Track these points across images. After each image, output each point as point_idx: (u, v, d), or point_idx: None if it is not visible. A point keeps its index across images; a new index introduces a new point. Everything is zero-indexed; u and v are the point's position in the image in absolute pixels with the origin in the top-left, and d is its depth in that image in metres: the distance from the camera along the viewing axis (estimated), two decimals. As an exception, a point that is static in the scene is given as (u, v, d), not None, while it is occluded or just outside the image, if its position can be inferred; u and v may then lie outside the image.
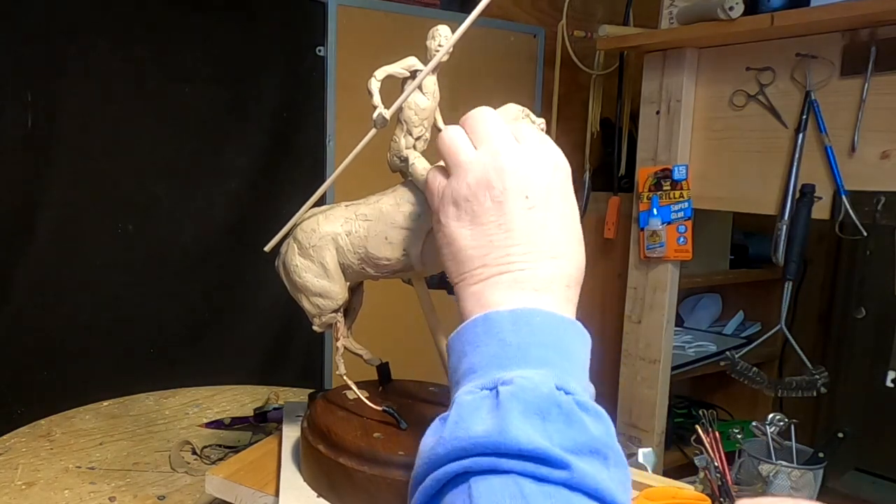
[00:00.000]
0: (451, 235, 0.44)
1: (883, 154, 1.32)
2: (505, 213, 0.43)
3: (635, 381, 1.72)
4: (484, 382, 0.39)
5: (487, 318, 0.41)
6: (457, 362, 0.42)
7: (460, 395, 0.39)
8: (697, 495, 0.75)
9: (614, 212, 1.91)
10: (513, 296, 0.41)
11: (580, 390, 0.39)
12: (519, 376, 0.37)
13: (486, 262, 0.43)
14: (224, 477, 0.71)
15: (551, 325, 0.41)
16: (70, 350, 1.51)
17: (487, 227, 0.43)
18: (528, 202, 0.43)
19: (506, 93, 0.78)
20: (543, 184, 0.43)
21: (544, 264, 0.42)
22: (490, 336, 0.40)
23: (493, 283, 0.42)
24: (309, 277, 0.66)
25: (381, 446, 0.62)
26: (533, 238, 0.42)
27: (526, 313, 0.40)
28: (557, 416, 0.36)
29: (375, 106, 0.57)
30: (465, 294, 0.44)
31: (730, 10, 1.40)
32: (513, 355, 0.39)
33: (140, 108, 1.53)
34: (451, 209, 0.45)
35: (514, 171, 0.43)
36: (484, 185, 0.43)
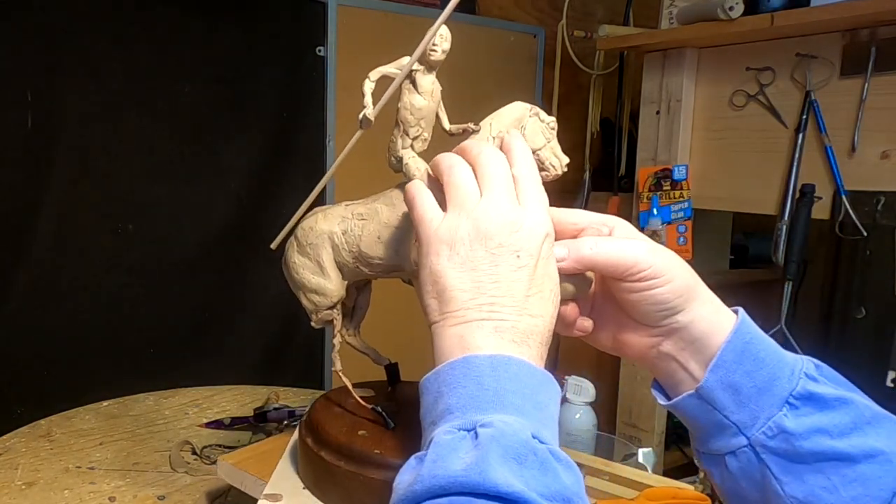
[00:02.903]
0: (438, 273, 0.45)
1: (883, 154, 1.32)
2: (497, 264, 0.44)
3: (635, 381, 1.72)
4: (462, 423, 0.39)
5: (467, 361, 0.42)
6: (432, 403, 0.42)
7: (438, 434, 0.39)
8: (697, 495, 0.75)
9: (614, 212, 1.91)
10: (493, 342, 0.42)
11: (552, 440, 0.40)
12: (499, 420, 0.38)
13: (470, 305, 0.43)
14: (233, 463, 0.74)
15: (527, 376, 0.41)
16: (70, 350, 1.51)
17: (478, 274, 0.44)
18: (519, 261, 0.44)
19: (506, 93, 0.78)
20: (534, 248, 0.44)
21: (525, 320, 0.43)
22: (468, 378, 0.41)
23: (475, 327, 0.43)
24: (306, 274, 0.66)
25: (360, 443, 0.62)
26: (517, 294, 0.43)
27: (504, 360, 0.41)
28: (533, 463, 0.37)
29: (364, 107, 0.57)
30: (444, 334, 0.44)
31: (730, 10, 1.40)
32: (490, 399, 0.40)
33: (140, 108, 1.53)
34: (444, 248, 0.45)
35: (511, 230, 0.44)
36: (482, 235, 0.44)
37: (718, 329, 0.47)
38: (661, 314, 0.47)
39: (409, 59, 0.57)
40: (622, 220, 0.50)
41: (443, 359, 0.43)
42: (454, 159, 0.48)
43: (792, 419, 0.44)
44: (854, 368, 1.79)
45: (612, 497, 0.75)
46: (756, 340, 0.46)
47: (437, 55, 0.56)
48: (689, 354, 0.47)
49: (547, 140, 0.56)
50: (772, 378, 0.45)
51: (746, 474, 0.47)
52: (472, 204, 0.45)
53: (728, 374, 0.46)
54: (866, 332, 1.84)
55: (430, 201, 0.48)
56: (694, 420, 0.48)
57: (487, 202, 0.45)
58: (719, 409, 0.46)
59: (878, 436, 0.44)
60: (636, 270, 0.46)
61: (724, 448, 0.47)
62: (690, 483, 0.82)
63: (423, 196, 0.48)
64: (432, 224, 0.46)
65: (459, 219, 0.45)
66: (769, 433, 0.45)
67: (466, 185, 0.46)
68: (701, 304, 0.47)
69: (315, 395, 1.20)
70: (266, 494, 0.66)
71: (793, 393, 0.45)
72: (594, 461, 0.84)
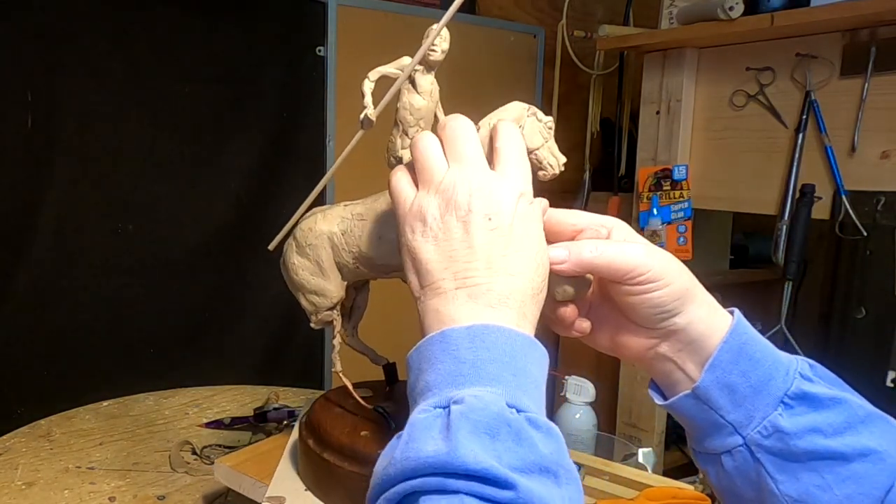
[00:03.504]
0: (414, 249, 0.45)
1: (883, 154, 1.32)
2: (468, 231, 0.44)
3: (635, 381, 1.72)
4: (438, 401, 0.39)
5: (444, 335, 0.42)
6: (415, 380, 0.43)
7: (414, 414, 0.40)
8: (697, 495, 0.75)
9: (614, 212, 1.91)
10: (470, 311, 0.42)
11: (533, 407, 0.39)
12: (470, 395, 0.38)
13: (445, 276, 0.44)
14: (231, 466, 0.74)
15: (506, 342, 0.41)
16: (70, 350, 1.51)
17: (451, 243, 0.44)
18: (491, 223, 0.44)
19: (506, 93, 0.78)
20: (507, 209, 0.45)
21: (501, 279, 0.43)
22: (446, 353, 0.41)
23: (450, 298, 0.43)
24: (305, 275, 0.66)
25: (362, 444, 0.62)
26: (492, 255, 0.44)
27: (482, 329, 0.41)
28: (507, 435, 0.37)
29: (365, 107, 0.57)
30: (425, 309, 0.45)
31: (730, 10, 1.40)
32: (467, 373, 0.40)
33: (140, 108, 1.53)
34: (418, 224, 0.46)
35: (480, 195, 0.45)
36: (452, 205, 0.45)
37: (715, 330, 0.47)
38: (659, 316, 0.47)
39: (412, 61, 0.57)
40: (620, 222, 0.51)
41: (426, 333, 0.44)
42: (420, 137, 0.49)
43: (787, 418, 0.45)
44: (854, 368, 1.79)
45: (612, 497, 0.75)
46: (751, 341, 0.47)
47: (436, 55, 0.56)
48: (686, 355, 0.47)
49: (544, 139, 0.56)
50: (767, 378, 0.46)
51: (742, 473, 0.47)
52: (438, 177, 0.46)
53: (724, 375, 0.46)
54: (866, 332, 1.84)
55: (404, 180, 0.49)
56: (690, 420, 0.48)
57: (454, 173, 0.46)
58: (715, 408, 0.46)
59: (871, 435, 0.45)
60: (636, 274, 0.46)
61: (720, 447, 0.47)
62: (690, 483, 0.82)
63: (401, 179, 0.49)
64: (406, 203, 0.47)
65: (428, 194, 0.46)
66: (764, 432, 0.45)
67: (433, 161, 0.47)
68: (698, 306, 0.47)
69: (315, 395, 1.20)
70: (269, 497, 0.65)
71: (787, 393, 0.45)
72: (594, 461, 0.84)
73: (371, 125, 0.57)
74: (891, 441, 0.45)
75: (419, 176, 0.48)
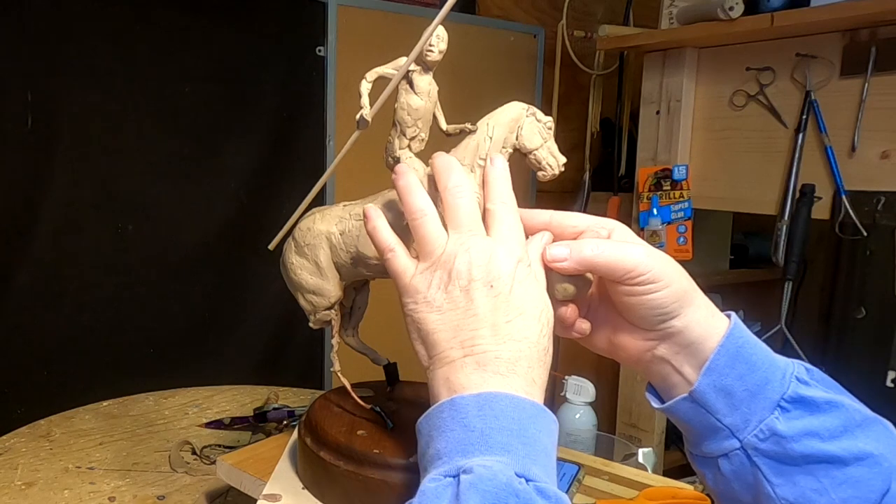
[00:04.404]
0: (420, 321, 0.46)
1: (883, 154, 1.32)
2: (472, 299, 0.44)
3: (635, 381, 1.72)
4: (447, 470, 0.39)
5: (454, 403, 0.42)
6: (425, 447, 0.43)
7: (425, 482, 0.40)
8: (697, 495, 0.75)
9: (614, 212, 1.91)
10: (479, 379, 0.43)
11: (542, 476, 0.39)
12: (479, 464, 0.38)
13: (452, 345, 0.44)
14: (232, 464, 0.74)
15: (515, 410, 0.41)
16: (70, 350, 1.51)
17: (455, 313, 0.45)
18: (493, 290, 0.44)
19: (506, 93, 0.78)
20: (507, 275, 0.45)
21: (508, 346, 0.43)
22: (455, 421, 0.41)
23: (459, 366, 0.44)
24: (304, 275, 0.66)
25: (359, 443, 0.62)
26: (496, 322, 0.44)
27: (491, 398, 0.41)
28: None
29: (362, 107, 0.57)
30: (434, 377, 0.45)
31: (730, 10, 1.40)
32: (476, 441, 0.40)
33: (140, 108, 1.53)
34: (420, 296, 0.46)
35: (481, 264, 0.45)
36: (454, 276, 0.45)
37: (712, 333, 0.47)
38: (658, 318, 0.47)
39: (406, 60, 0.57)
40: (620, 224, 0.51)
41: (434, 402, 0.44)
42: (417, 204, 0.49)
43: (783, 422, 0.45)
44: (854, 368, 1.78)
45: (612, 497, 0.75)
46: (748, 345, 0.47)
47: (433, 56, 0.56)
48: (684, 358, 0.48)
49: (544, 140, 0.56)
50: (763, 382, 0.46)
51: (739, 476, 0.47)
52: (439, 251, 0.47)
53: (721, 378, 0.46)
54: (866, 332, 1.83)
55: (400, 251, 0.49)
56: (687, 423, 0.49)
57: (453, 244, 0.46)
58: (712, 412, 0.47)
59: (867, 438, 0.45)
60: (636, 274, 0.46)
61: (716, 451, 0.47)
62: (690, 483, 0.82)
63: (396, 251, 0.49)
64: (406, 275, 0.48)
65: (429, 268, 0.47)
66: (761, 436, 0.45)
67: (432, 233, 0.48)
68: (696, 309, 0.47)
69: (315, 395, 1.20)
70: (265, 494, 0.66)
71: (784, 396, 0.45)
72: (594, 461, 0.84)
73: (367, 125, 0.57)
74: (887, 445, 0.45)
75: (419, 247, 0.48)
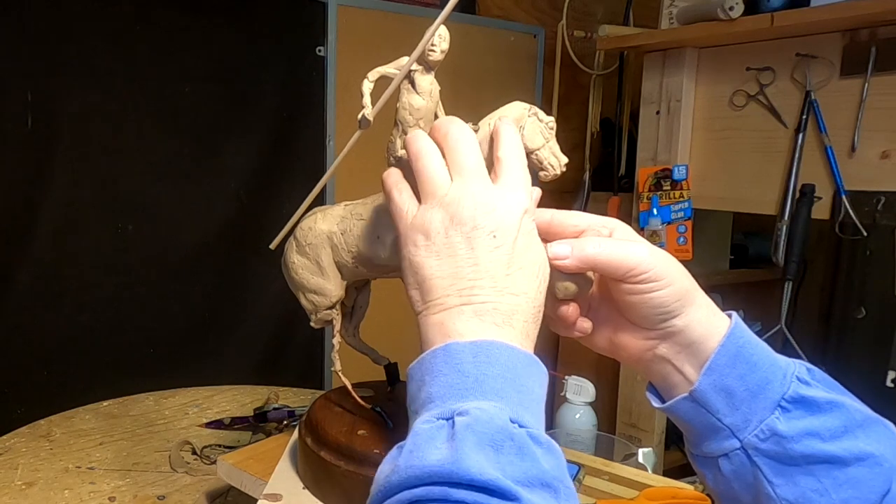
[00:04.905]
0: (417, 264, 0.45)
1: (883, 154, 1.32)
2: (473, 248, 0.44)
3: (635, 381, 1.72)
4: (441, 412, 0.39)
5: (448, 348, 0.42)
6: (416, 391, 0.43)
7: (417, 424, 0.40)
8: (697, 495, 0.75)
9: (614, 212, 1.91)
10: (475, 327, 0.42)
11: (534, 423, 0.40)
12: (475, 407, 0.38)
13: (450, 292, 0.44)
14: (232, 463, 0.74)
15: (510, 359, 0.41)
16: (70, 350, 1.51)
17: (455, 260, 0.44)
18: (496, 241, 0.44)
19: (506, 93, 0.78)
20: (512, 225, 0.45)
21: (506, 299, 0.43)
22: (449, 366, 0.41)
23: (456, 313, 0.43)
24: (305, 275, 0.66)
25: (359, 443, 0.62)
26: (497, 274, 0.43)
27: (486, 345, 0.41)
28: (510, 449, 0.37)
29: (363, 107, 0.57)
30: (427, 323, 0.45)
31: (730, 10, 1.40)
32: (470, 386, 0.40)
33: (140, 108, 1.53)
34: (420, 238, 0.45)
35: (485, 211, 0.44)
36: (457, 221, 0.44)
37: (713, 333, 0.47)
38: (659, 317, 0.47)
39: (408, 60, 0.57)
40: (622, 223, 0.51)
41: (427, 347, 0.43)
42: (421, 145, 0.48)
43: (784, 422, 0.45)
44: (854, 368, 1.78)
45: (612, 497, 0.75)
46: (749, 344, 0.47)
47: (435, 55, 0.56)
48: (684, 358, 0.47)
49: (546, 140, 0.56)
50: (764, 381, 0.46)
51: (739, 476, 0.47)
52: (442, 191, 0.46)
53: (721, 378, 0.46)
54: (866, 332, 1.84)
55: (405, 193, 0.48)
56: (688, 423, 0.49)
57: (458, 187, 0.45)
58: (712, 412, 0.46)
59: (868, 439, 0.45)
60: (637, 272, 0.46)
61: (717, 450, 0.47)
62: (690, 483, 0.82)
63: (399, 188, 0.49)
64: (408, 216, 0.47)
65: (432, 208, 0.45)
66: (761, 436, 0.45)
67: (435, 173, 0.47)
68: (697, 308, 0.47)
69: (315, 395, 1.20)
70: (266, 494, 0.66)
71: (785, 396, 0.45)
72: (594, 461, 0.84)
73: (369, 125, 0.57)
74: (888, 445, 0.45)
75: (421, 188, 0.47)
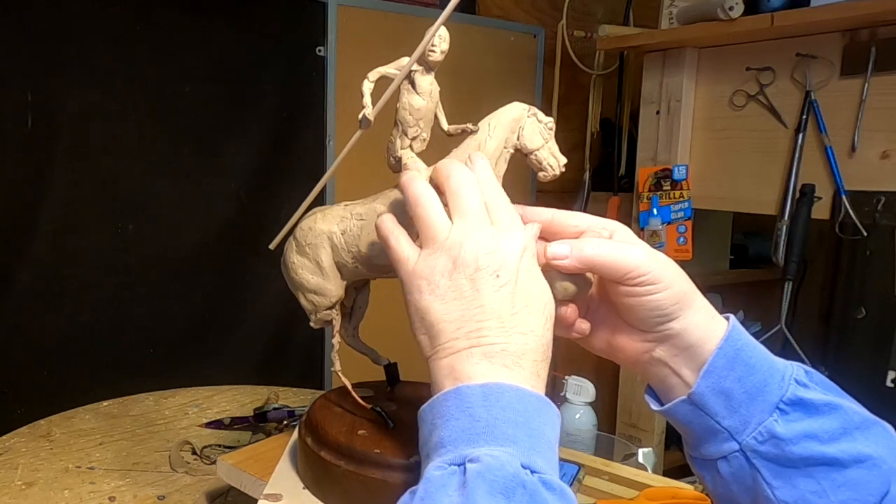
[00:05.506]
0: (424, 310, 0.45)
1: (883, 154, 1.32)
2: (478, 289, 0.44)
3: (635, 381, 1.72)
4: (452, 458, 0.39)
5: (459, 392, 0.42)
6: (427, 435, 0.43)
7: (429, 470, 0.39)
8: (697, 495, 0.75)
9: (614, 212, 1.91)
10: (484, 370, 0.42)
11: (547, 468, 0.39)
12: (486, 454, 0.38)
13: (458, 335, 0.44)
14: (232, 463, 0.74)
15: (521, 402, 0.41)
16: (70, 350, 1.51)
17: (461, 302, 0.44)
18: (499, 280, 0.44)
19: (506, 93, 0.78)
20: (513, 265, 0.45)
21: (514, 339, 0.43)
22: (460, 410, 0.41)
23: (465, 356, 0.43)
24: (305, 275, 0.66)
25: (359, 443, 0.62)
26: (503, 314, 0.43)
27: (496, 389, 0.41)
28: (522, 497, 0.37)
29: (364, 107, 0.57)
30: (437, 366, 0.44)
31: (730, 10, 1.40)
32: (481, 431, 0.40)
33: (140, 108, 1.53)
34: (424, 283, 0.45)
35: (486, 252, 0.44)
36: (460, 263, 0.44)
37: (711, 336, 0.47)
38: (657, 320, 0.47)
39: (409, 60, 0.57)
40: (622, 225, 0.51)
41: (437, 391, 0.43)
42: (418, 190, 0.48)
43: (782, 424, 0.45)
44: (854, 368, 1.78)
45: (612, 497, 0.75)
46: (747, 347, 0.47)
47: (435, 56, 0.56)
48: (682, 360, 0.47)
49: (545, 140, 0.56)
50: (762, 384, 0.46)
51: (738, 479, 0.47)
52: (443, 235, 0.46)
53: (719, 380, 0.46)
54: (866, 332, 1.84)
55: (403, 240, 0.48)
56: (686, 425, 0.49)
57: (459, 230, 0.46)
58: (711, 414, 0.46)
59: (866, 441, 0.45)
60: (636, 274, 0.46)
61: (715, 453, 0.47)
62: (690, 483, 0.82)
63: (396, 235, 0.49)
64: (409, 262, 0.47)
65: (434, 253, 0.46)
66: (760, 438, 0.45)
67: (436, 219, 0.47)
68: (695, 311, 0.47)
69: (315, 395, 1.20)
70: (266, 494, 0.66)
71: (783, 399, 0.45)
72: (594, 461, 0.84)
73: (369, 125, 0.57)
74: (886, 447, 0.45)
75: (422, 234, 0.47)
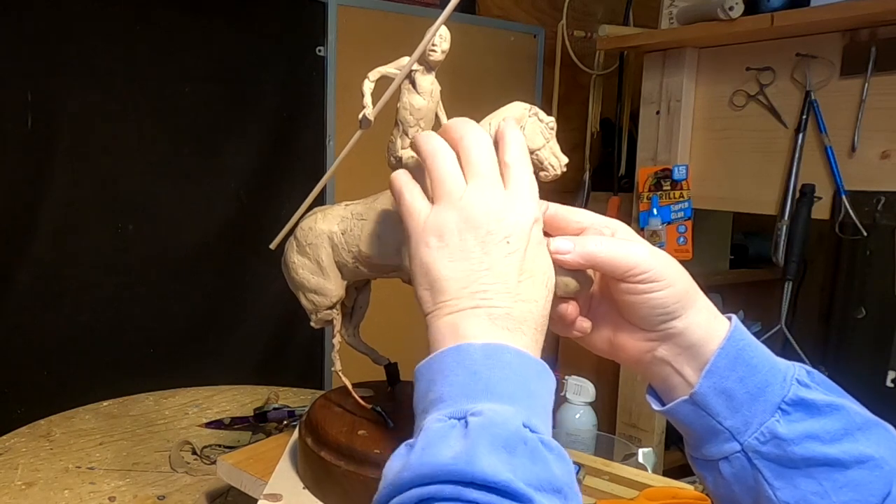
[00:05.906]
0: (429, 264, 0.45)
1: (883, 154, 1.32)
2: (487, 252, 0.44)
3: (635, 381, 1.72)
4: (452, 412, 0.39)
5: (460, 349, 0.42)
6: (425, 390, 0.42)
7: (428, 422, 0.40)
8: (697, 495, 0.75)
9: (614, 212, 1.91)
10: (486, 330, 0.42)
11: (544, 430, 0.40)
12: (489, 409, 0.38)
13: (462, 294, 0.43)
14: (232, 463, 0.74)
15: (521, 364, 0.42)
16: (70, 350, 1.51)
17: (469, 263, 0.44)
18: (509, 247, 0.44)
19: (506, 93, 0.78)
20: (524, 234, 0.45)
21: (518, 305, 0.43)
22: (461, 367, 0.41)
23: (468, 315, 0.43)
24: (305, 274, 0.66)
25: (360, 443, 0.62)
26: (509, 280, 0.44)
27: (498, 349, 0.41)
28: (523, 452, 0.37)
29: (364, 107, 0.57)
30: (437, 323, 0.44)
31: (730, 10, 1.40)
32: (482, 388, 0.40)
33: (140, 108, 1.53)
34: (433, 239, 0.45)
35: (498, 217, 0.44)
36: (471, 224, 0.44)
37: (713, 335, 0.47)
38: (659, 318, 0.47)
39: (409, 60, 0.57)
40: (624, 225, 0.51)
41: (437, 348, 0.43)
42: (435, 146, 0.48)
43: (784, 425, 0.45)
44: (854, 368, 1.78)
45: (612, 497, 0.75)
46: (749, 347, 0.47)
47: (436, 55, 0.56)
48: (684, 360, 0.47)
49: (546, 140, 0.56)
50: (764, 384, 0.46)
51: (740, 480, 0.47)
52: (457, 193, 0.45)
53: (721, 381, 0.46)
54: (866, 332, 1.84)
55: (416, 193, 0.48)
56: (688, 426, 0.48)
57: (473, 190, 0.45)
58: (713, 414, 0.46)
59: (868, 441, 0.45)
60: (638, 272, 0.46)
61: (717, 454, 0.47)
62: (690, 483, 0.82)
63: (410, 188, 0.48)
64: (420, 216, 0.46)
65: (446, 210, 0.45)
66: (762, 439, 0.45)
67: (450, 175, 0.46)
68: (697, 311, 0.47)
69: (315, 395, 1.20)
70: (266, 494, 0.66)
71: (785, 399, 0.45)
72: (594, 461, 0.84)
73: (369, 125, 0.58)
74: (888, 448, 0.45)
75: (434, 188, 0.47)
